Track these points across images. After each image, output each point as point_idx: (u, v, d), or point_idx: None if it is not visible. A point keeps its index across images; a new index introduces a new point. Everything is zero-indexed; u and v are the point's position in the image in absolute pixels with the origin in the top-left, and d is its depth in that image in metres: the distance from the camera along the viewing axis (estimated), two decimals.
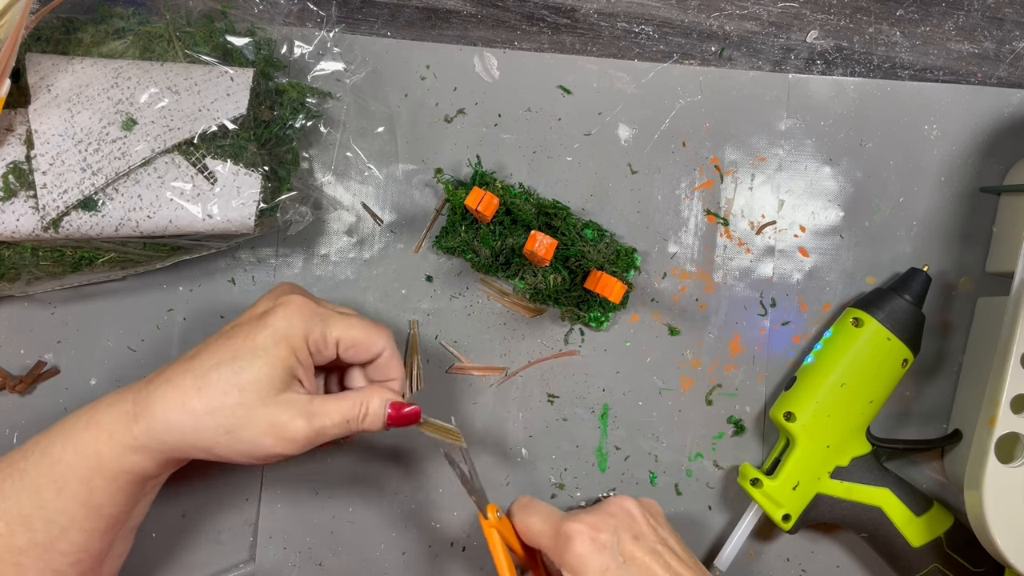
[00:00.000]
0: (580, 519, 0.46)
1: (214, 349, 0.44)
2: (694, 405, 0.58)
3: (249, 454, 0.43)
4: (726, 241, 0.59)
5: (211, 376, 0.42)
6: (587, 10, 0.60)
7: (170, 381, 0.43)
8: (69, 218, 0.49)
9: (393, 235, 0.58)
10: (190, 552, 0.55)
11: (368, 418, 0.45)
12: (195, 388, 0.42)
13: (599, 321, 0.57)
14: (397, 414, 0.46)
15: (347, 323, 0.46)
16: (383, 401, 0.46)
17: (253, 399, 0.42)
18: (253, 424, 0.42)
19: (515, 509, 0.49)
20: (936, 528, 0.54)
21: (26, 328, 0.55)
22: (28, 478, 0.42)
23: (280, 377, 0.43)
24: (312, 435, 0.43)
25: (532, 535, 0.47)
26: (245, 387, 0.42)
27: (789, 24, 0.60)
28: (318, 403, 0.44)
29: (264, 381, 0.42)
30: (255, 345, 0.43)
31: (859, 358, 0.54)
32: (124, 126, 0.50)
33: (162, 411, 0.42)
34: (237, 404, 0.42)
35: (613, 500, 0.48)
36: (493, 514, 0.47)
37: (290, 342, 0.43)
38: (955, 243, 0.59)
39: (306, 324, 0.44)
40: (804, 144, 0.60)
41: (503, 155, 0.59)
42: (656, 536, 0.46)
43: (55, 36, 0.51)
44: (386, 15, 0.59)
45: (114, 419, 0.43)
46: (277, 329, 0.43)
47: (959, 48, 0.61)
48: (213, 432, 0.42)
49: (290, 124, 0.54)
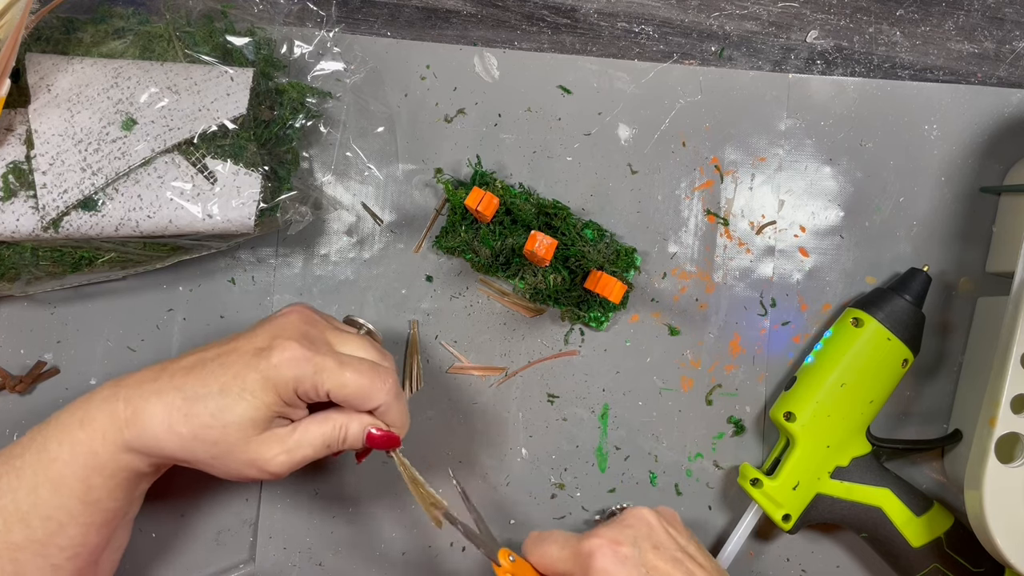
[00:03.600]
0: (599, 534, 0.45)
1: (205, 375, 0.44)
2: (694, 405, 0.58)
3: (235, 477, 0.45)
4: (726, 241, 0.59)
5: (197, 406, 0.43)
6: (587, 10, 0.60)
7: (160, 395, 0.43)
8: (69, 218, 0.49)
9: (393, 235, 0.58)
10: (190, 552, 0.55)
11: (347, 441, 0.46)
12: (182, 413, 0.43)
13: (599, 321, 0.57)
14: (373, 437, 0.46)
15: (342, 378, 0.44)
16: (362, 427, 0.46)
17: (235, 438, 0.43)
18: (235, 458, 0.44)
19: (529, 545, 0.48)
20: (936, 528, 0.54)
21: (26, 328, 0.55)
22: (25, 476, 0.43)
23: (265, 419, 0.44)
24: (293, 466, 0.45)
25: (552, 564, 0.46)
26: (229, 425, 0.43)
27: (789, 24, 0.60)
28: (299, 433, 0.45)
29: (248, 423, 0.43)
30: (243, 386, 0.43)
31: (859, 358, 0.54)
32: (124, 126, 0.50)
33: (151, 426, 0.43)
34: (220, 438, 0.43)
35: (630, 512, 0.48)
36: (506, 559, 0.46)
37: (279, 390, 0.43)
38: (955, 243, 0.59)
39: (298, 375, 0.43)
40: (804, 144, 0.60)
41: (503, 155, 0.59)
42: (676, 544, 0.46)
43: (55, 36, 0.51)
44: (386, 15, 0.59)
45: (107, 420, 0.43)
46: (268, 377, 0.43)
47: (959, 48, 0.61)
48: (201, 454, 0.44)
49: (290, 124, 0.54)
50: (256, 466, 0.44)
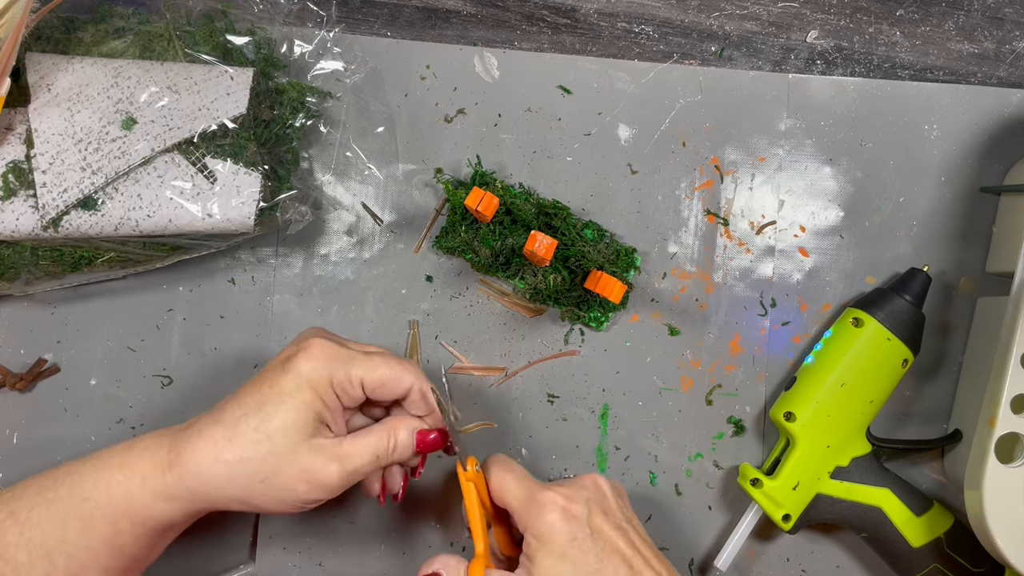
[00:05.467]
0: (555, 489, 0.46)
1: (241, 398, 0.44)
2: (694, 405, 0.58)
3: (284, 501, 0.44)
4: (726, 241, 0.59)
5: (240, 426, 0.43)
6: (587, 10, 0.60)
7: (201, 433, 0.43)
8: (69, 217, 0.49)
9: (393, 235, 0.58)
10: (190, 552, 0.55)
11: (398, 449, 0.46)
12: (225, 439, 0.43)
13: (599, 321, 0.57)
14: (424, 441, 0.47)
15: (371, 363, 0.45)
16: (410, 430, 0.47)
17: (283, 446, 0.43)
18: (285, 471, 0.43)
19: (492, 464, 0.48)
20: (936, 528, 0.54)
21: (26, 328, 0.55)
22: (56, 510, 0.42)
23: (308, 421, 0.43)
24: (346, 478, 0.44)
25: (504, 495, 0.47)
26: (274, 434, 0.43)
27: (789, 24, 0.61)
28: (348, 444, 0.45)
29: (292, 427, 0.43)
30: (281, 391, 0.43)
31: (859, 358, 0.54)
32: (124, 125, 0.50)
33: (195, 463, 0.42)
34: (268, 453, 0.43)
35: (586, 476, 0.48)
36: (472, 467, 0.47)
37: (314, 386, 0.44)
38: (955, 243, 0.59)
39: (329, 366, 0.44)
40: (804, 144, 0.60)
41: (503, 155, 0.59)
42: (623, 515, 0.47)
43: (55, 35, 0.51)
44: (386, 15, 0.59)
45: (149, 464, 0.43)
46: (301, 373, 0.44)
47: (959, 48, 0.61)
48: (247, 481, 0.43)
49: (290, 123, 0.54)
50: (307, 479, 0.43)
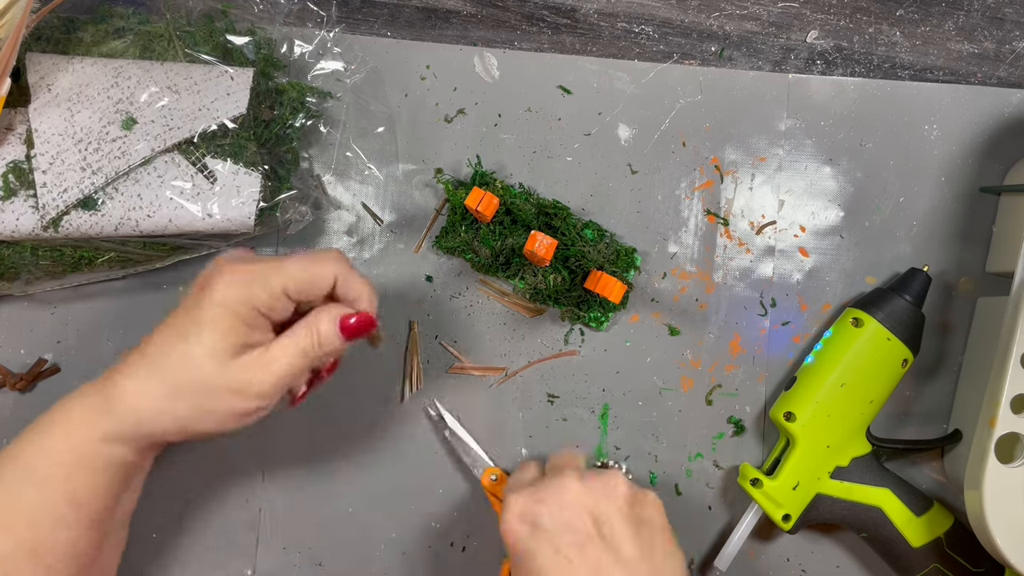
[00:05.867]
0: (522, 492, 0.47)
1: (164, 330, 0.44)
2: (694, 405, 0.58)
3: (224, 421, 0.43)
4: (726, 241, 0.59)
5: (165, 360, 0.43)
6: (587, 10, 0.60)
7: (129, 371, 0.43)
8: (69, 217, 0.49)
9: (393, 235, 0.58)
10: (190, 552, 0.55)
11: (323, 340, 0.44)
12: (152, 375, 0.43)
13: (599, 321, 0.57)
14: (346, 327, 0.45)
15: (288, 270, 0.44)
16: (332, 318, 0.45)
17: (209, 370, 0.42)
18: (217, 392, 0.43)
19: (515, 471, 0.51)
20: (936, 528, 0.54)
21: (26, 328, 0.55)
22: (5, 483, 0.42)
23: (231, 343, 0.43)
24: (276, 382, 0.43)
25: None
26: (199, 359, 0.42)
27: (789, 24, 0.61)
28: (273, 348, 0.44)
29: (215, 350, 0.42)
30: (199, 320, 0.43)
31: (859, 358, 0.54)
32: (124, 125, 0.50)
33: (128, 403, 0.42)
34: (195, 380, 0.42)
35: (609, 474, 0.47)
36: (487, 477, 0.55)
37: (233, 310, 0.43)
38: (955, 243, 0.59)
39: (247, 288, 0.43)
40: (804, 144, 0.60)
41: (503, 155, 0.59)
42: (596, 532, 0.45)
43: (55, 35, 0.51)
44: (386, 15, 0.59)
45: (83, 412, 0.43)
46: (215, 301, 0.43)
47: (959, 48, 0.61)
48: (184, 410, 0.43)
49: (290, 124, 0.54)
50: (241, 393, 0.43)
